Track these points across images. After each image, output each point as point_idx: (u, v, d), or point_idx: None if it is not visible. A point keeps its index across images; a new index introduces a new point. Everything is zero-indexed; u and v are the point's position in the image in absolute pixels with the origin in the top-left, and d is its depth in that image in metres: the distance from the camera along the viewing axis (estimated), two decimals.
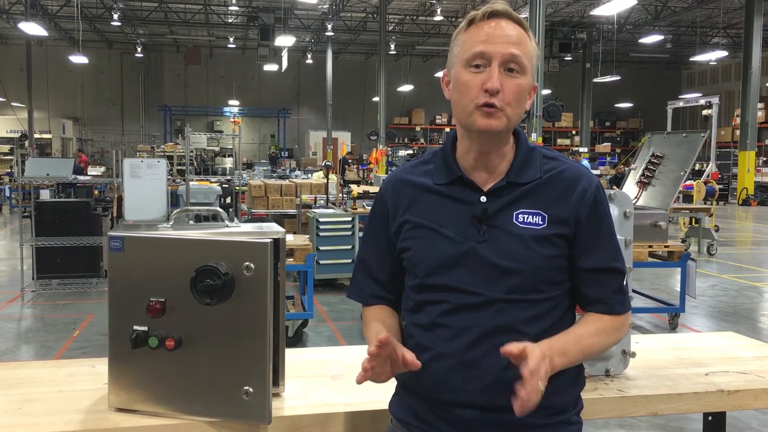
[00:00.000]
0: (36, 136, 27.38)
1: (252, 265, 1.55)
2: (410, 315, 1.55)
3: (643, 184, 6.60)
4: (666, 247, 6.21)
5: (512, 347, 1.31)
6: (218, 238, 1.60)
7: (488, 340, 1.42)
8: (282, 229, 1.79)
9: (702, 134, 6.39)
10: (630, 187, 6.74)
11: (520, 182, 1.48)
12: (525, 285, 1.44)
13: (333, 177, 10.55)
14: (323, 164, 18.65)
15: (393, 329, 1.57)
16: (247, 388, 1.57)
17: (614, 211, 1.98)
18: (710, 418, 2.18)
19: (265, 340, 1.57)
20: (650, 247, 6.13)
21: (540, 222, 1.45)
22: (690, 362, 2.11)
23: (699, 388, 1.88)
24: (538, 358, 1.30)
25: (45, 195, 11.84)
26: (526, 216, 1.45)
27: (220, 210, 1.89)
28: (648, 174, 6.59)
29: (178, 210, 1.89)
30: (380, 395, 1.80)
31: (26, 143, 24.50)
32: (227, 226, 1.88)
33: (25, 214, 9.66)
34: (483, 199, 1.47)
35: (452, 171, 1.52)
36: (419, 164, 1.61)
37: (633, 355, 1.98)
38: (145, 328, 1.61)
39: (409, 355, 1.39)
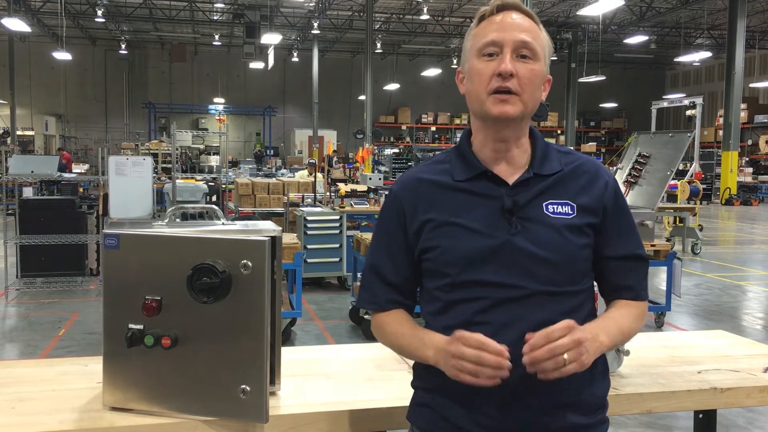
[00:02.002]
0: (18, 133, 27.15)
1: (249, 263, 1.54)
2: (438, 317, 1.48)
3: (629, 184, 6.65)
4: (653, 246, 6.26)
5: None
6: (216, 236, 1.59)
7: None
8: (278, 227, 1.78)
9: (688, 134, 6.45)
10: None
11: (545, 174, 1.48)
12: (562, 276, 1.43)
13: (320, 176, 10.53)
14: (307, 162, 18.58)
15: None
16: (244, 386, 1.57)
17: None
18: (701, 415, 2.20)
19: (262, 339, 1.56)
20: None
21: (570, 212, 1.45)
22: (682, 360, 2.13)
23: (692, 386, 1.90)
24: (559, 329, 1.30)
25: (28, 192, 11.72)
26: (555, 206, 1.45)
27: (216, 207, 1.88)
28: (635, 173, 6.64)
29: (174, 207, 1.88)
30: (375, 393, 1.81)
31: (8, 140, 24.25)
32: (222, 223, 1.87)
33: (9, 211, 9.55)
34: (510, 192, 1.46)
35: (474, 166, 1.49)
36: (433, 164, 1.57)
37: (627, 353, 1.99)
38: (140, 327, 1.59)
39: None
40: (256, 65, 27.55)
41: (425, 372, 1.50)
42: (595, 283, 1.57)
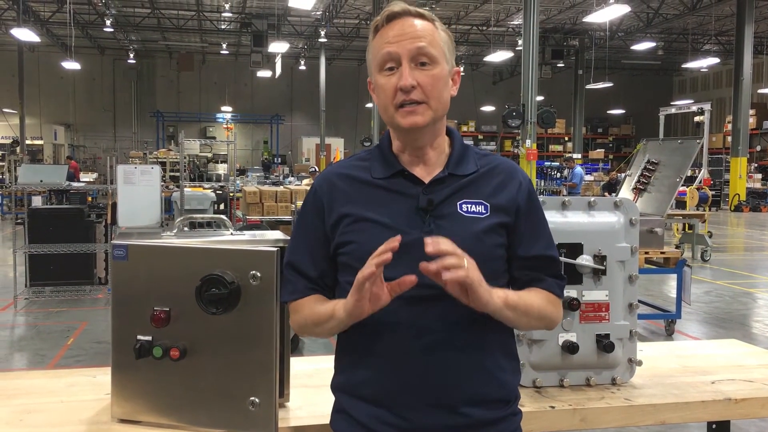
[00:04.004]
0: (27, 142, 27.28)
1: (258, 273, 1.54)
2: None
3: (638, 191, 6.62)
4: (662, 253, 6.22)
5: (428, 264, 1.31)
6: (224, 247, 1.59)
7: (445, 334, 1.41)
8: (287, 237, 1.77)
9: (697, 141, 6.41)
10: (626, 194, 6.74)
11: (460, 174, 1.50)
12: None
13: None
14: (309, 170, 18.65)
15: None
16: (253, 398, 1.56)
17: (620, 218, 1.97)
18: (714, 425, 2.17)
19: (271, 350, 1.55)
20: (647, 253, 6.14)
21: (483, 211, 1.47)
22: (695, 370, 2.10)
23: (706, 397, 1.88)
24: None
25: (37, 201, 11.77)
26: (469, 206, 1.47)
27: (224, 218, 1.87)
28: (644, 181, 6.60)
29: (182, 218, 1.87)
30: None
31: (18, 149, 24.37)
32: (230, 233, 1.86)
33: (18, 221, 9.59)
34: (425, 190, 1.48)
35: (392, 165, 1.52)
36: (355, 160, 1.59)
37: (639, 363, 1.97)
38: (149, 338, 1.59)
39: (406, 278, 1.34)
40: (264, 74, 27.64)
41: (340, 371, 1.52)
42: None
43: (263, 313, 1.55)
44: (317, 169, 12.22)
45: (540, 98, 15.81)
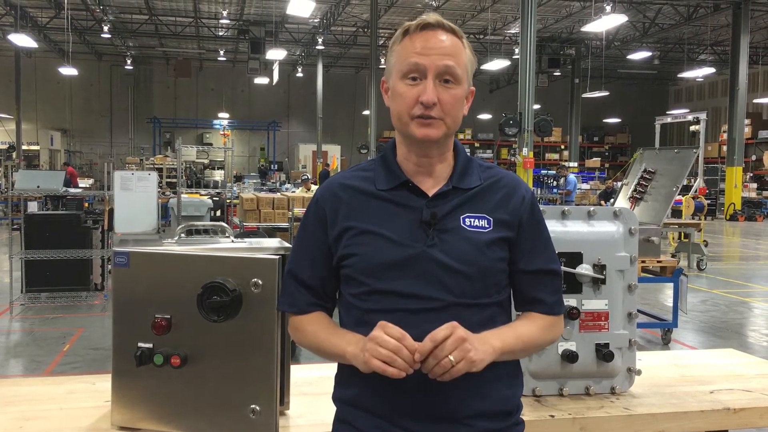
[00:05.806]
0: (24, 147, 27.21)
1: (260, 281, 1.54)
2: (357, 329, 1.47)
3: (635, 200, 6.63)
4: (659, 262, 6.23)
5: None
6: (226, 254, 1.59)
7: None
8: (288, 245, 1.77)
9: (694, 150, 6.43)
10: (622, 203, 6.76)
11: (464, 188, 1.50)
12: (476, 288, 1.45)
13: None
14: (301, 178, 18.62)
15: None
16: (253, 406, 1.56)
17: (619, 227, 1.98)
18: None
19: (272, 358, 1.55)
20: (643, 262, 6.14)
21: (486, 225, 1.47)
22: (694, 380, 2.11)
23: (705, 406, 1.88)
24: (443, 329, 1.33)
25: (33, 207, 11.72)
26: (472, 220, 1.47)
27: (225, 225, 1.88)
28: (640, 189, 6.62)
29: (183, 225, 1.87)
30: None
31: (14, 155, 24.33)
32: (231, 241, 1.87)
33: (14, 226, 9.56)
34: (429, 204, 1.48)
35: (397, 176, 1.51)
36: (358, 170, 1.58)
37: (639, 372, 1.98)
38: (150, 345, 1.59)
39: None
40: (261, 80, 27.67)
41: (343, 384, 1.52)
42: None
43: (264, 320, 1.55)
44: (310, 177, 12.27)
45: (537, 107, 15.82)
